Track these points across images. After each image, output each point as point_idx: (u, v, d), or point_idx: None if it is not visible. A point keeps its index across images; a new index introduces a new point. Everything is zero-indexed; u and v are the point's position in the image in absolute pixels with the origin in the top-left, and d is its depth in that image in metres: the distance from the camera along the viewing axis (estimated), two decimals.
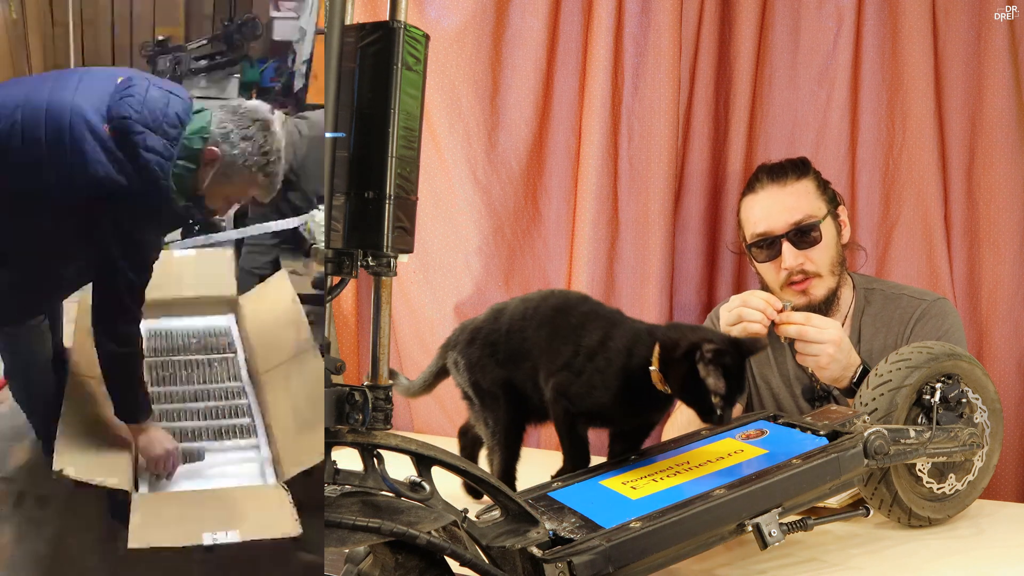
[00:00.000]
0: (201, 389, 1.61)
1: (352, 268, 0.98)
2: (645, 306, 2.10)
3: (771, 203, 1.75)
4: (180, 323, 1.78)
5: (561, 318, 1.31)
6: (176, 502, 1.36)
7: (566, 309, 1.32)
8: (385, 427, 0.98)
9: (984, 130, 2.05)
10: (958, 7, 2.04)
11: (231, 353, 1.70)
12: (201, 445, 1.45)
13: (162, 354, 1.69)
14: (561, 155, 2.15)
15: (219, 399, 1.58)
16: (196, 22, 2.98)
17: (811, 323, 1.55)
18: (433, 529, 0.94)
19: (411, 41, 0.97)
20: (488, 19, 2.09)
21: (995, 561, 1.26)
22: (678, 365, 1.17)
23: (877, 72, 2.08)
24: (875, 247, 2.10)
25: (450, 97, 2.09)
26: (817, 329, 1.53)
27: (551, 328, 1.31)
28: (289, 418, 1.49)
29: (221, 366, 1.67)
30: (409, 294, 2.14)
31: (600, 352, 1.24)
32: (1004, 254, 2.05)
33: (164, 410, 1.53)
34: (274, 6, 2.88)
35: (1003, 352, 2.05)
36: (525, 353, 1.32)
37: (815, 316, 1.57)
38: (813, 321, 1.55)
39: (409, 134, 0.97)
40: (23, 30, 2.69)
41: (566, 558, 0.99)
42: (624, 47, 2.11)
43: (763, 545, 1.10)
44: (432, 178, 2.11)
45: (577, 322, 1.29)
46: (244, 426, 1.51)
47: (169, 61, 2.61)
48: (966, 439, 1.33)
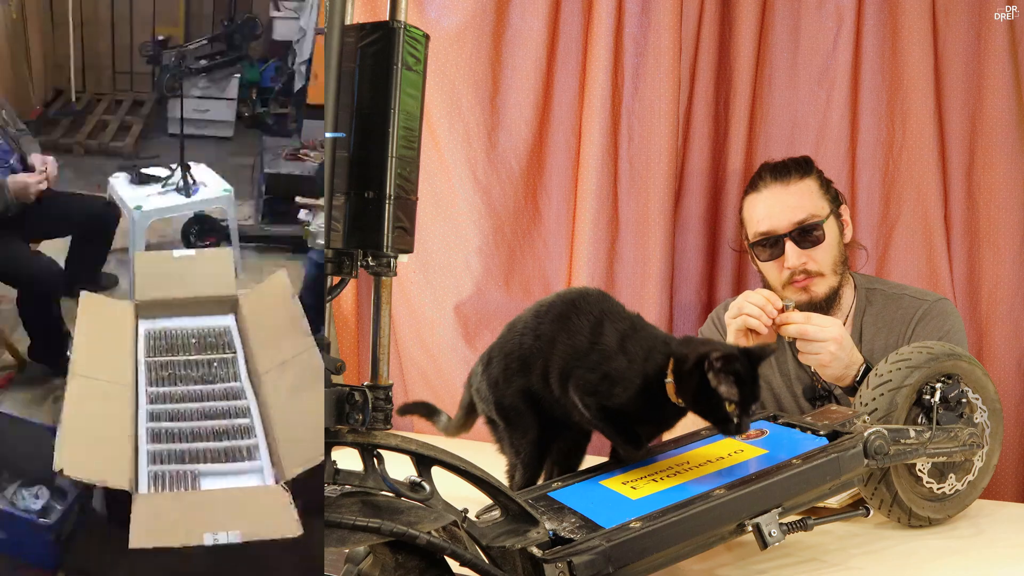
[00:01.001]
0: (199, 390, 1.61)
1: (352, 268, 0.98)
2: (645, 306, 2.10)
3: (774, 202, 1.75)
4: (180, 323, 1.78)
5: (578, 313, 1.27)
6: (177, 503, 1.35)
7: (583, 305, 1.28)
8: (385, 427, 0.98)
9: (984, 130, 2.05)
10: (958, 7, 2.04)
11: (231, 353, 1.70)
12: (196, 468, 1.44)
13: (162, 354, 1.69)
14: (561, 155, 2.15)
15: (219, 399, 1.58)
16: (196, 22, 2.98)
17: (812, 321, 1.54)
18: (433, 529, 0.94)
19: (411, 41, 0.97)
20: (488, 19, 2.09)
21: (995, 561, 1.26)
22: (689, 378, 1.15)
23: (877, 72, 2.07)
24: (875, 247, 2.10)
25: (450, 97, 2.09)
26: (818, 327, 1.53)
27: (566, 323, 1.27)
28: (289, 418, 1.49)
29: (221, 366, 1.66)
30: (409, 294, 2.14)
31: (619, 355, 1.22)
32: (1004, 254, 2.05)
33: (164, 410, 1.53)
34: (274, 6, 2.88)
35: (1003, 352, 2.05)
36: (539, 351, 1.28)
37: (815, 315, 1.57)
38: (814, 319, 1.55)
39: (409, 134, 0.97)
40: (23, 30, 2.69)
41: (566, 558, 0.99)
42: (624, 47, 2.11)
43: (763, 545, 1.10)
44: (432, 178, 2.11)
45: (596, 319, 1.25)
46: (244, 427, 1.51)
47: (174, 57, 2.62)
48: (966, 439, 1.33)
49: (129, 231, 2.28)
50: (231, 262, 1.90)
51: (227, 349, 1.70)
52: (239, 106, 2.96)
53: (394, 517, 0.94)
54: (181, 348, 1.71)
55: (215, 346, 1.71)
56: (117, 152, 2.85)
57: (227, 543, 1.20)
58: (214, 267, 1.89)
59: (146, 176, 2.65)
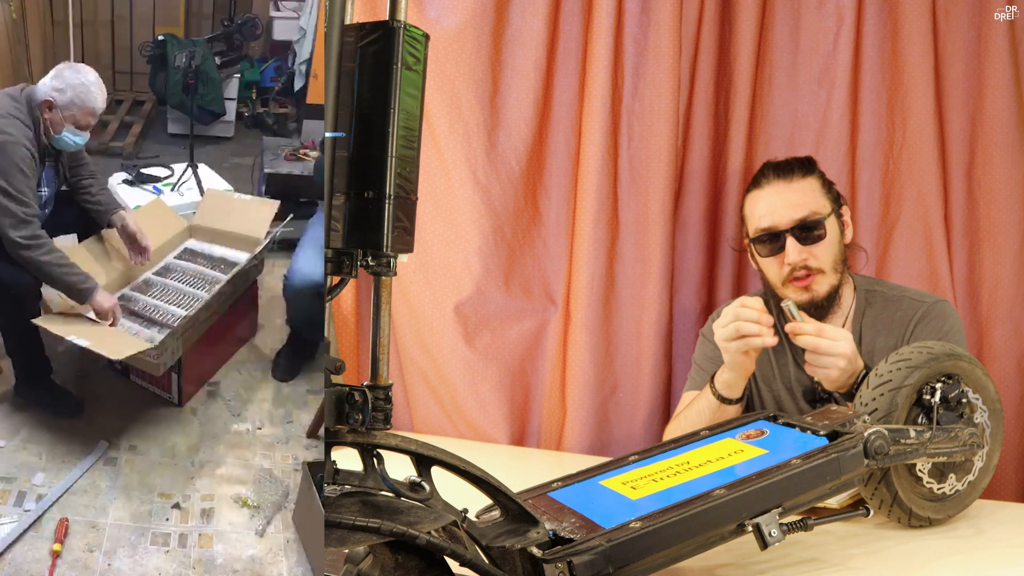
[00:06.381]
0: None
1: (352, 268, 0.98)
2: (645, 306, 2.10)
3: (776, 198, 1.75)
4: (210, 248, 2.34)
5: None
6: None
7: None
8: (385, 427, 0.98)
9: (984, 130, 2.05)
10: (958, 7, 2.04)
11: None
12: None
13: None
14: (561, 155, 2.15)
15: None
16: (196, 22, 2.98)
17: (824, 335, 1.54)
18: (433, 529, 0.94)
19: (411, 41, 0.97)
20: (488, 19, 2.09)
21: (995, 561, 1.26)
22: None
23: (877, 72, 2.07)
24: (875, 247, 2.10)
25: (450, 97, 2.09)
26: (830, 342, 1.53)
27: None
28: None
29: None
30: (409, 294, 2.14)
31: None
32: (1004, 254, 2.05)
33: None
34: (274, 6, 2.89)
35: (1003, 352, 2.05)
36: None
37: (828, 327, 1.57)
38: (826, 333, 1.54)
39: (409, 134, 0.97)
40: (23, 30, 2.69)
41: (566, 558, 0.99)
42: (624, 47, 2.10)
43: (763, 545, 1.10)
44: (432, 178, 2.11)
45: None
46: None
47: (185, 56, 2.63)
48: (966, 439, 1.33)
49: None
50: (272, 212, 2.33)
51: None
52: (239, 106, 2.96)
53: (394, 517, 0.94)
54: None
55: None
56: (117, 152, 2.85)
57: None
58: (258, 213, 2.35)
59: (146, 176, 2.65)
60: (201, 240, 2.37)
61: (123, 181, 2.61)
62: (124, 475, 1.85)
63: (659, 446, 1.35)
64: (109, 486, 1.82)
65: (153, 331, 2.04)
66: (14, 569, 1.56)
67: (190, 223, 2.39)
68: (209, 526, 1.75)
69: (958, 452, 1.32)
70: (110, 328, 1.95)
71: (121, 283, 2.17)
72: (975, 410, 1.37)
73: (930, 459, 1.31)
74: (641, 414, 2.12)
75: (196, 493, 1.84)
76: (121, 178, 2.63)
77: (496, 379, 2.09)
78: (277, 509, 1.81)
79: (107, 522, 1.72)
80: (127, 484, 1.83)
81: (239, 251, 2.31)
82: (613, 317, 2.12)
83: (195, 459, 1.94)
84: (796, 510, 1.16)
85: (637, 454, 1.31)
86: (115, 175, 2.64)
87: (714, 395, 1.67)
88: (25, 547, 1.62)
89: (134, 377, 2.13)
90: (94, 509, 1.75)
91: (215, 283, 2.19)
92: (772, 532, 1.10)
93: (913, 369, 1.33)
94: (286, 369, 2.26)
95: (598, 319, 2.09)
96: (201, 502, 1.81)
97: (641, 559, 1.03)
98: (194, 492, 1.84)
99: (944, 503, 1.37)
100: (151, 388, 2.12)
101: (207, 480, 1.88)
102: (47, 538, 1.65)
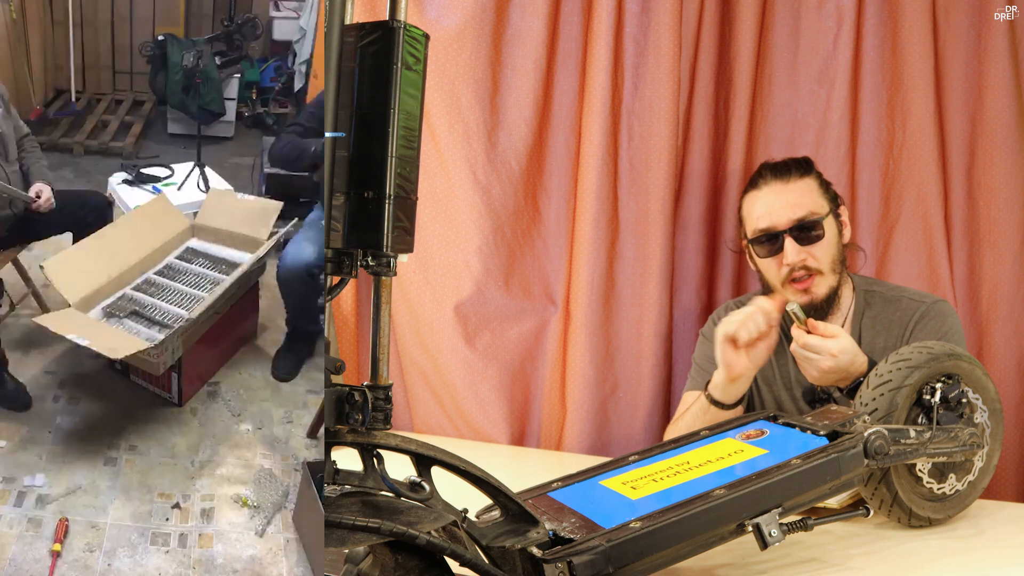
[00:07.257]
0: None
1: (352, 268, 0.98)
2: (645, 306, 2.10)
3: (774, 199, 1.75)
4: (210, 248, 2.35)
5: None
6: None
7: None
8: (385, 427, 0.98)
9: (984, 130, 2.05)
10: (958, 7, 2.04)
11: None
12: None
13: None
14: (561, 155, 2.15)
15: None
16: (196, 22, 2.98)
17: (816, 331, 1.54)
18: (433, 529, 0.94)
19: (411, 41, 0.97)
20: (488, 19, 2.09)
21: (995, 561, 1.26)
22: None
23: (877, 72, 2.07)
24: (875, 247, 2.10)
25: (450, 97, 2.09)
26: (819, 340, 1.53)
27: None
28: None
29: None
30: (409, 294, 2.14)
31: None
32: (1004, 254, 2.05)
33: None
34: (274, 6, 2.89)
35: (1003, 352, 2.05)
36: None
37: (822, 325, 1.57)
38: (818, 330, 1.55)
39: (409, 134, 0.97)
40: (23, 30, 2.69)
41: (566, 558, 0.99)
42: (624, 47, 2.10)
43: (763, 545, 1.10)
44: (432, 178, 2.11)
45: None
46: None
47: (193, 56, 2.64)
48: (966, 439, 1.33)
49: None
50: (275, 214, 2.33)
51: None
52: (239, 106, 2.97)
53: (394, 517, 0.94)
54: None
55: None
56: (117, 152, 2.85)
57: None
58: (261, 214, 2.34)
59: (146, 176, 2.65)
60: (203, 240, 2.37)
61: (123, 181, 2.61)
62: (124, 475, 1.85)
63: (659, 446, 1.35)
64: (109, 486, 1.82)
65: (154, 331, 2.03)
66: (14, 569, 1.56)
67: (192, 222, 2.40)
68: (209, 526, 1.75)
69: (958, 452, 1.32)
70: (110, 328, 1.95)
71: (122, 283, 2.17)
72: (975, 410, 1.37)
73: (930, 459, 1.31)
74: (641, 414, 2.12)
75: (196, 493, 1.84)
76: (121, 178, 2.63)
77: (496, 379, 2.09)
78: (277, 509, 1.81)
79: (107, 522, 1.72)
80: (127, 484, 1.83)
81: (241, 252, 2.31)
82: (613, 317, 2.12)
83: (195, 459, 1.94)
84: (796, 510, 1.16)
85: (637, 454, 1.31)
86: (115, 175, 2.64)
87: (708, 399, 1.67)
88: (25, 547, 1.62)
89: (134, 377, 2.14)
90: (94, 509, 1.75)
91: (217, 284, 2.19)
92: (772, 532, 1.10)
93: (913, 369, 1.33)
94: (286, 369, 2.27)
95: (598, 319, 2.09)
96: (201, 502, 1.82)
97: (641, 559, 1.03)
98: (194, 492, 1.84)
99: (944, 503, 1.37)
100: (151, 388, 2.12)
101: (207, 480, 1.88)
102: (47, 538, 1.65)
